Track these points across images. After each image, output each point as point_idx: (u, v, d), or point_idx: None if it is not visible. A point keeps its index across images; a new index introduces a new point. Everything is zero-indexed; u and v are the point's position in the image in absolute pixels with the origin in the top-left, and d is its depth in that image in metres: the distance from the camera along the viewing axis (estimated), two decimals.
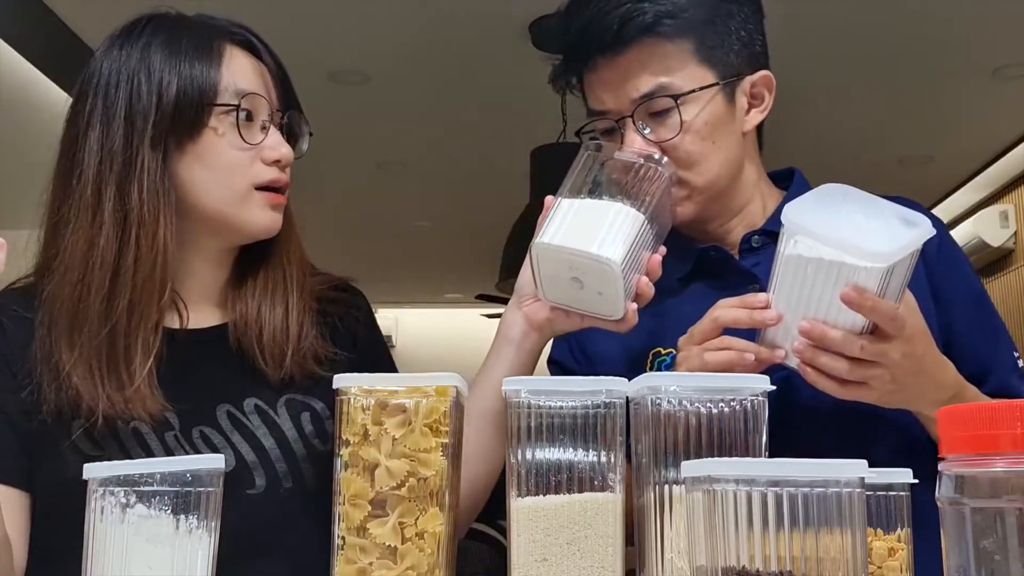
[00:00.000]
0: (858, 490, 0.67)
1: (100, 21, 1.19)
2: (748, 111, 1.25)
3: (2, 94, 4.00)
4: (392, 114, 4.42)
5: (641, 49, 1.18)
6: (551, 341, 1.29)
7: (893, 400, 1.05)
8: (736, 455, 0.81)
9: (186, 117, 1.07)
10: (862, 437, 1.15)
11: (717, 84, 1.20)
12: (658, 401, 0.82)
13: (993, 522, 0.61)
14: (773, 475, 0.66)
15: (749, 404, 0.82)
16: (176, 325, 1.13)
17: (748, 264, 1.26)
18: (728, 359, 1.04)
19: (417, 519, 0.81)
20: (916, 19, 3.51)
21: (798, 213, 1.02)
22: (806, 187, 1.32)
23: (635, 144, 1.18)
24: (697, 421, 0.81)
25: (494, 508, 1.05)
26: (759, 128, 1.30)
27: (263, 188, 1.11)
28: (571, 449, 0.82)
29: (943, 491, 0.64)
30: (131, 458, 1.03)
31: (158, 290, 1.07)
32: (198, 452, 1.06)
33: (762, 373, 1.06)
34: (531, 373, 1.15)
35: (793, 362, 1.04)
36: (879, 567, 0.88)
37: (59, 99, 4.39)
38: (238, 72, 1.10)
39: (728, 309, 1.07)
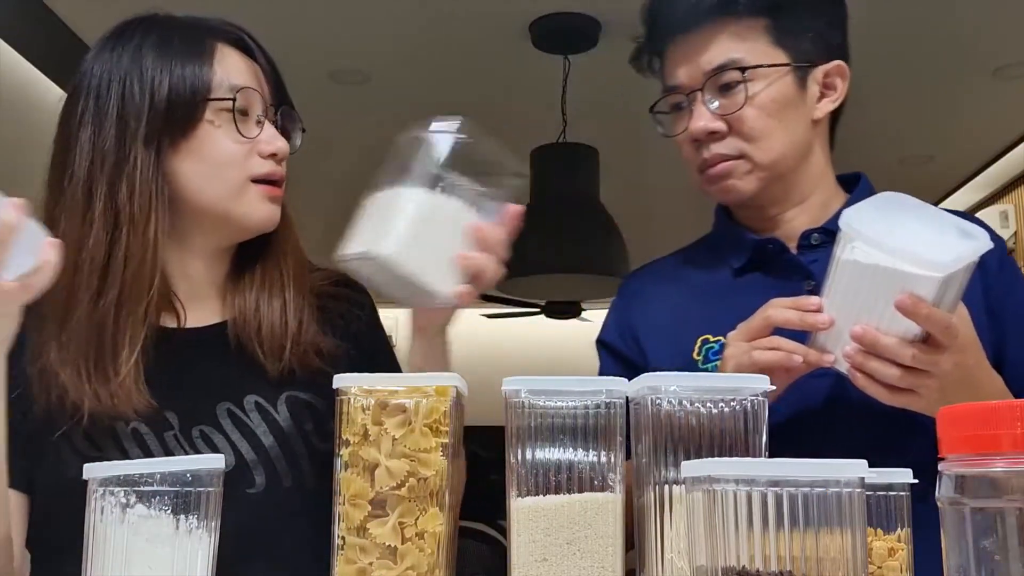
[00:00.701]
0: (858, 490, 0.67)
1: (100, 21, 1.18)
2: (820, 99, 1.27)
3: (2, 94, 4.00)
4: (392, 114, 4.41)
5: (716, 25, 1.23)
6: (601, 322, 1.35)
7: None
8: (736, 455, 0.81)
9: (180, 114, 1.07)
10: (906, 436, 1.15)
11: (788, 65, 1.23)
12: (658, 401, 0.82)
13: (993, 522, 0.61)
14: (773, 475, 0.66)
15: (749, 404, 0.82)
16: (173, 324, 1.13)
17: (805, 261, 1.26)
18: (776, 359, 1.04)
19: (417, 519, 0.81)
20: (917, 19, 3.50)
21: (856, 218, 1.02)
22: (870, 193, 1.33)
23: (701, 117, 1.23)
24: (697, 421, 0.81)
25: (494, 508, 1.05)
26: (833, 124, 1.33)
27: (260, 181, 1.11)
28: (571, 449, 0.82)
29: (943, 491, 0.64)
30: (130, 459, 1.03)
31: (147, 285, 1.06)
32: (198, 452, 1.06)
33: (810, 375, 1.07)
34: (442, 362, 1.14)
35: (843, 367, 1.04)
36: (879, 567, 0.88)
37: (59, 99, 4.36)
38: (231, 68, 1.11)
39: (780, 309, 1.07)
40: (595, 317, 7.84)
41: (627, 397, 0.85)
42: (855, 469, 0.67)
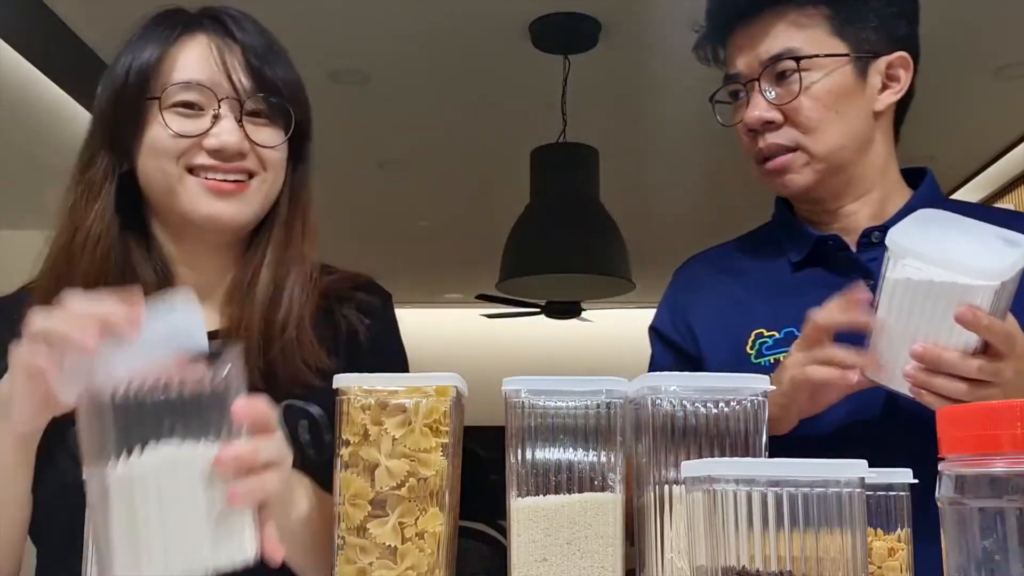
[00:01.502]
0: (858, 490, 0.67)
1: (100, 21, 1.19)
2: (882, 91, 1.25)
3: (2, 94, 4.00)
4: (392, 114, 4.41)
5: (776, 14, 1.22)
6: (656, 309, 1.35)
7: None
8: (736, 455, 0.81)
9: (130, 114, 1.09)
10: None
11: (847, 56, 1.21)
12: (658, 401, 0.82)
13: (993, 522, 0.61)
14: (773, 475, 0.66)
15: (749, 404, 0.82)
16: None
17: (865, 259, 1.25)
18: (829, 376, 1.04)
19: (417, 519, 0.81)
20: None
21: (902, 236, 1.02)
22: (935, 190, 1.32)
23: (756, 107, 1.22)
24: (697, 421, 0.81)
25: (494, 508, 1.05)
26: (899, 116, 1.31)
27: (199, 174, 1.08)
28: (571, 449, 0.82)
29: (943, 491, 0.64)
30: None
31: (100, 283, 1.05)
32: None
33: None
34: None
35: (901, 387, 1.03)
36: (879, 567, 0.88)
37: (59, 99, 4.38)
38: (185, 62, 1.09)
39: (826, 314, 1.06)
40: (595, 317, 7.87)
41: (627, 397, 0.85)
42: (855, 469, 0.67)
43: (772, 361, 1.22)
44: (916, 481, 0.89)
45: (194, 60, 1.09)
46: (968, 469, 0.62)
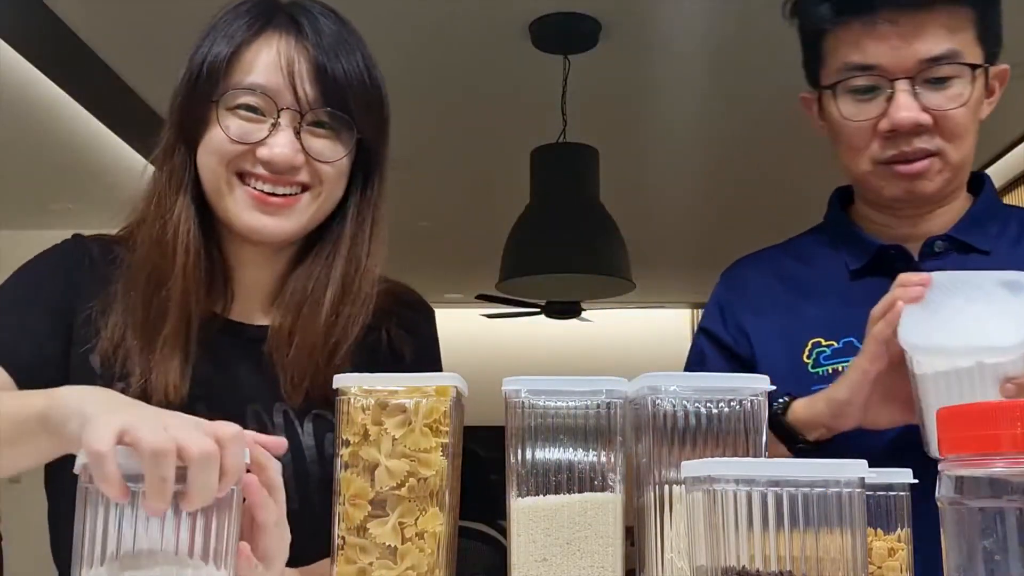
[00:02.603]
0: (858, 490, 0.67)
1: (100, 21, 1.19)
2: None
3: (2, 94, 4.00)
4: (392, 114, 4.41)
5: (931, 11, 1.16)
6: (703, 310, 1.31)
7: None
8: (736, 455, 0.81)
9: (197, 108, 1.08)
10: None
11: (985, 65, 1.19)
12: (658, 401, 0.82)
13: (993, 522, 0.61)
14: (773, 475, 0.66)
15: (749, 404, 0.82)
16: (219, 310, 1.13)
17: (927, 269, 1.19)
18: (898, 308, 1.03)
19: (417, 519, 0.81)
20: None
21: (913, 332, 1.02)
22: (995, 196, 1.30)
23: (910, 108, 1.16)
24: (697, 421, 0.81)
25: (494, 508, 1.05)
26: None
27: (245, 180, 1.08)
28: (571, 449, 0.82)
29: (943, 491, 0.64)
30: None
31: (191, 279, 1.07)
32: None
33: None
34: None
35: None
36: (879, 567, 0.88)
37: (59, 99, 4.39)
38: (253, 64, 1.07)
39: (879, 311, 1.06)
40: (595, 317, 7.85)
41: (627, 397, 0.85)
42: (855, 469, 0.67)
43: (830, 371, 1.20)
44: (916, 481, 0.89)
45: (262, 63, 1.07)
46: (968, 469, 0.62)
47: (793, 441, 1.13)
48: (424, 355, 1.19)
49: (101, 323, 1.08)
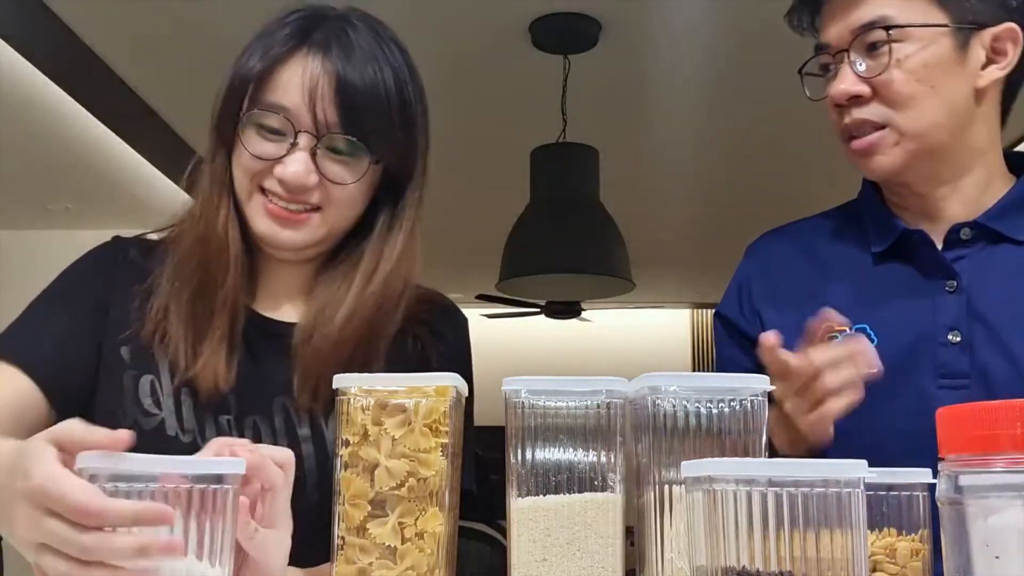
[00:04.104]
0: (858, 490, 0.67)
1: (100, 21, 1.19)
2: (986, 66, 1.16)
3: (2, 94, 4.00)
4: None
5: None
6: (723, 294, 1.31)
7: None
8: (736, 455, 0.81)
9: (229, 120, 1.11)
10: None
11: (946, 26, 1.13)
12: (658, 401, 0.81)
13: (993, 522, 0.61)
14: (773, 475, 0.66)
15: (749, 404, 0.82)
16: (250, 303, 1.16)
17: (951, 256, 1.18)
18: (849, 403, 1.01)
19: (417, 519, 0.81)
20: None
21: None
22: None
23: (844, 79, 1.14)
24: (697, 421, 0.81)
25: (494, 508, 1.04)
26: (1008, 95, 1.21)
27: (264, 193, 1.11)
28: (571, 449, 0.82)
29: (943, 491, 0.64)
30: (182, 429, 1.08)
31: (231, 276, 1.11)
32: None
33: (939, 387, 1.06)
34: None
35: None
36: (903, 567, 0.87)
37: (59, 99, 4.39)
38: (280, 84, 1.08)
39: (826, 355, 1.02)
40: (595, 317, 7.84)
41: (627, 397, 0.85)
42: (855, 469, 0.67)
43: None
44: (936, 481, 0.89)
45: (288, 82, 1.08)
46: (968, 469, 0.62)
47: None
48: (453, 360, 1.18)
49: (138, 316, 1.12)
